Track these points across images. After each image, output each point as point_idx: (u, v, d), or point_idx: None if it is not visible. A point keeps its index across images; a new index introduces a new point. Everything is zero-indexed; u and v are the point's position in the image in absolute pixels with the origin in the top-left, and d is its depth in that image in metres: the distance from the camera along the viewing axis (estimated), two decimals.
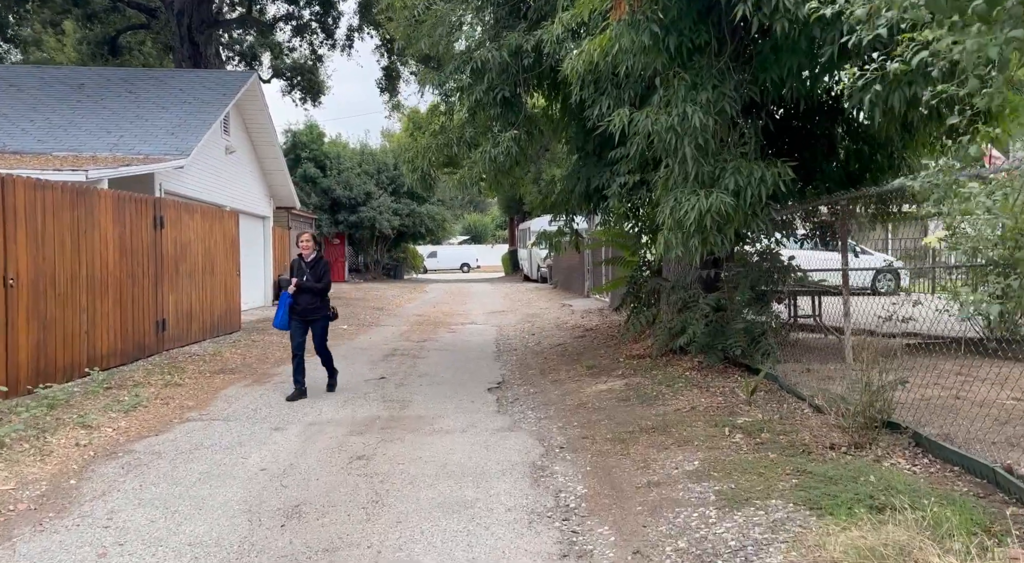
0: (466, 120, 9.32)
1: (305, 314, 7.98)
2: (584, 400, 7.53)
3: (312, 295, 7.94)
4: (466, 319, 17.45)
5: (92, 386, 8.02)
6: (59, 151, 13.22)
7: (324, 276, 8.00)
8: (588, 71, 6.77)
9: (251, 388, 8.59)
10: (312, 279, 7.93)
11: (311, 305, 7.97)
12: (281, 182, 21.34)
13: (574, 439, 6.11)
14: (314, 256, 8.07)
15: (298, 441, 6.28)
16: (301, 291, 7.87)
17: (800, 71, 5.72)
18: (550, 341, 12.51)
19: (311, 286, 7.91)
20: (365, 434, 6.49)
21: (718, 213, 5.43)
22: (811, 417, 6.00)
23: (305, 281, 7.89)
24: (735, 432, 5.73)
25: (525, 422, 6.88)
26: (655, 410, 6.71)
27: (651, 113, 5.67)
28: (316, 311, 8.03)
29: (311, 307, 7.98)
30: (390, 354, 11.35)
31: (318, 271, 8.00)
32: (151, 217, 10.36)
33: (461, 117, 9.64)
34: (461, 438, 6.30)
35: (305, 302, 7.93)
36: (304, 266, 8.01)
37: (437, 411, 7.38)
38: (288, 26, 26.25)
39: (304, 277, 7.93)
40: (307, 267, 7.99)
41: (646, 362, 8.95)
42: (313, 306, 7.99)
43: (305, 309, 7.96)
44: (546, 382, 8.83)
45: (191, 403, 7.76)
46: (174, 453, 5.89)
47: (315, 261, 8.06)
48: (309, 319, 8.02)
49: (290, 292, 7.83)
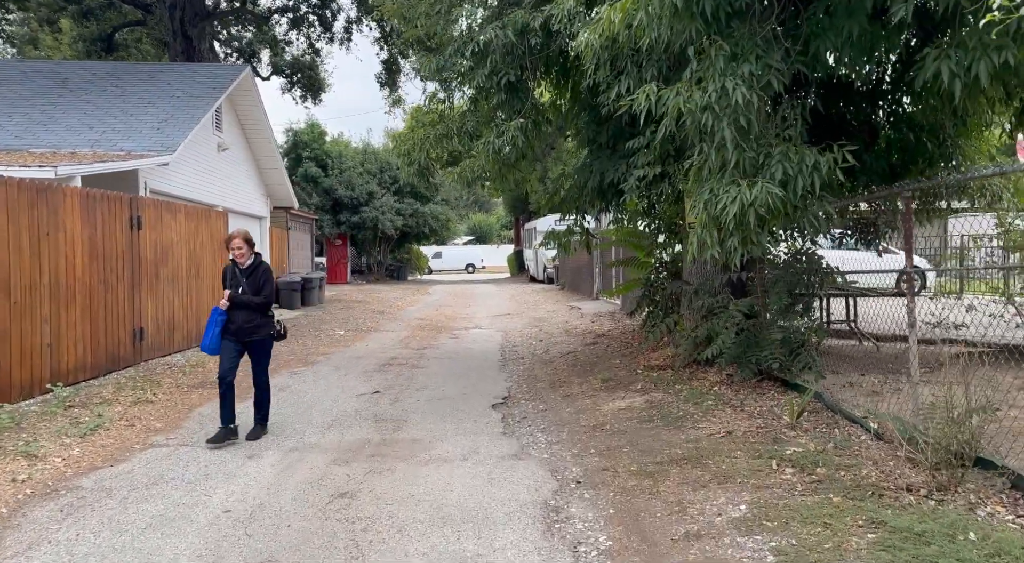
0: (467, 108, 8.46)
1: (242, 334, 6.31)
2: (601, 420, 6.67)
3: (249, 311, 6.32)
4: (470, 323, 16.60)
5: (52, 405, 7.20)
6: (37, 148, 12.44)
7: (264, 286, 6.38)
8: (605, 47, 5.91)
9: None
10: (249, 291, 6.31)
11: (250, 323, 6.31)
12: (278, 181, 20.55)
13: (592, 471, 5.25)
14: (251, 262, 6.42)
15: (273, 473, 5.44)
16: (236, 306, 6.29)
17: (861, 38, 4.85)
18: (559, 348, 11.65)
19: (247, 301, 6.29)
20: (351, 463, 5.64)
21: (763, 207, 4.57)
22: (871, 446, 5.13)
23: (240, 294, 6.29)
24: (784, 465, 4.86)
25: (535, 447, 6.03)
26: (684, 435, 5.84)
27: (682, 90, 4.80)
28: (256, 330, 6.36)
29: (249, 325, 6.31)
30: (387, 363, 10.51)
31: (257, 280, 6.36)
32: (127, 217, 9.55)
33: (461, 106, 8.80)
34: (461, 468, 5.45)
35: (242, 319, 6.28)
36: (239, 274, 6.37)
37: (435, 433, 6.54)
38: (284, 18, 25.45)
39: (239, 288, 6.31)
40: (243, 275, 6.36)
41: (667, 375, 8.07)
42: (252, 324, 6.33)
43: (242, 328, 6.29)
44: (557, 397, 7.97)
45: (159, 425, 6.93)
46: (127, 489, 5.05)
47: (253, 268, 6.41)
48: (247, 340, 6.35)
49: (222, 307, 6.24)
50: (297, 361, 10.77)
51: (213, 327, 6.26)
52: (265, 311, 6.43)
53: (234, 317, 6.29)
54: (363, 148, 36.99)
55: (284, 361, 10.73)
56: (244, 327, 6.30)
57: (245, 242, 6.38)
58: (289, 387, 8.72)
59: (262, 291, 6.36)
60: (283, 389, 8.60)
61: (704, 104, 4.66)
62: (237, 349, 6.35)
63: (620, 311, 16.45)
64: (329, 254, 35.31)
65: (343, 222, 34.03)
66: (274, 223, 21.30)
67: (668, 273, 10.59)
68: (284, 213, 22.92)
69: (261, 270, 6.43)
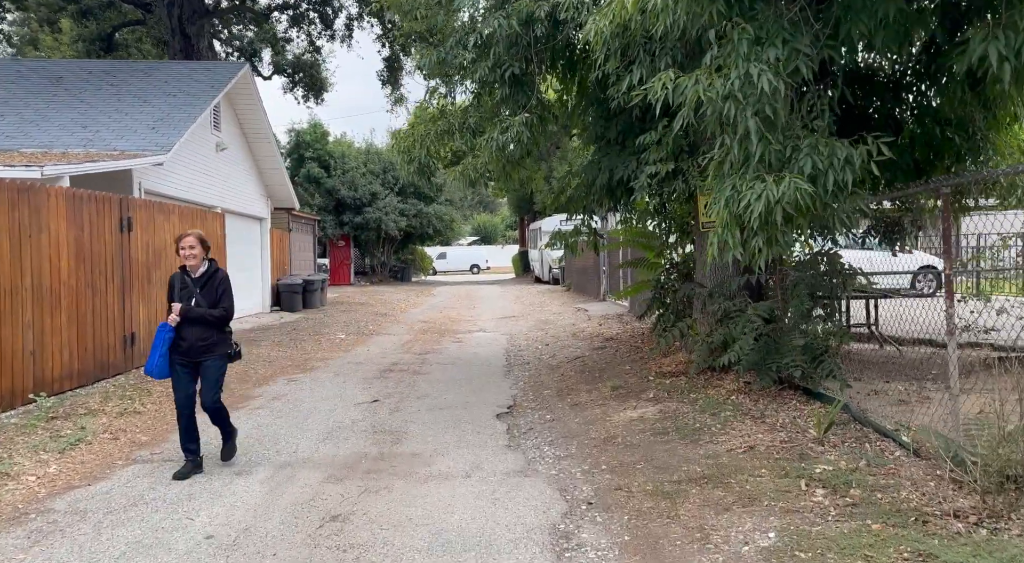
0: (470, 103, 8.07)
1: (193, 354, 5.39)
2: (612, 432, 6.28)
3: (204, 326, 5.38)
4: (474, 326, 16.22)
5: (33, 417, 6.84)
6: (28, 147, 12.10)
7: (223, 297, 5.45)
8: (616, 34, 5.53)
9: None
10: (204, 303, 5.39)
11: (203, 341, 5.39)
12: (279, 182, 20.19)
13: (605, 490, 4.86)
14: (205, 269, 5.46)
15: (262, 492, 5.07)
16: (188, 321, 5.34)
17: (896, 20, 4.45)
18: (566, 353, 11.25)
19: (201, 315, 5.35)
20: (345, 481, 5.27)
21: (790, 204, 4.18)
22: (907, 463, 4.72)
23: (192, 308, 5.34)
24: (814, 485, 4.46)
25: (542, 462, 5.64)
26: (703, 450, 5.44)
27: (702, 77, 4.41)
28: (210, 349, 5.43)
29: (203, 344, 5.39)
30: (388, 370, 10.14)
31: (213, 290, 5.44)
32: (116, 218, 9.19)
33: (464, 102, 8.42)
34: (463, 486, 5.07)
35: (194, 337, 5.36)
36: (191, 284, 5.42)
37: (436, 446, 6.16)
38: (285, 16, 25.08)
39: (192, 300, 5.37)
40: (195, 285, 5.42)
41: (681, 382, 7.68)
42: (206, 342, 5.41)
43: (193, 347, 5.37)
44: (564, 406, 7.59)
45: (145, 438, 6.57)
46: (103, 512, 4.69)
47: (207, 276, 5.46)
48: (200, 360, 5.44)
49: (171, 323, 5.32)
50: (295, 367, 10.41)
51: (160, 346, 5.34)
52: (222, 326, 5.52)
53: (185, 334, 5.36)
54: (366, 148, 36.63)
55: (282, 367, 10.37)
56: (197, 345, 5.38)
57: (200, 243, 5.43)
58: (285, 395, 8.36)
59: (220, 302, 5.45)
60: (279, 398, 8.24)
61: (726, 92, 4.27)
62: (190, 372, 5.45)
63: (628, 313, 16.06)
64: (332, 255, 34.98)
65: (346, 223, 33.69)
66: (275, 225, 20.95)
67: (679, 274, 10.20)
68: (285, 214, 22.56)
69: (218, 278, 5.51)
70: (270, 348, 12.25)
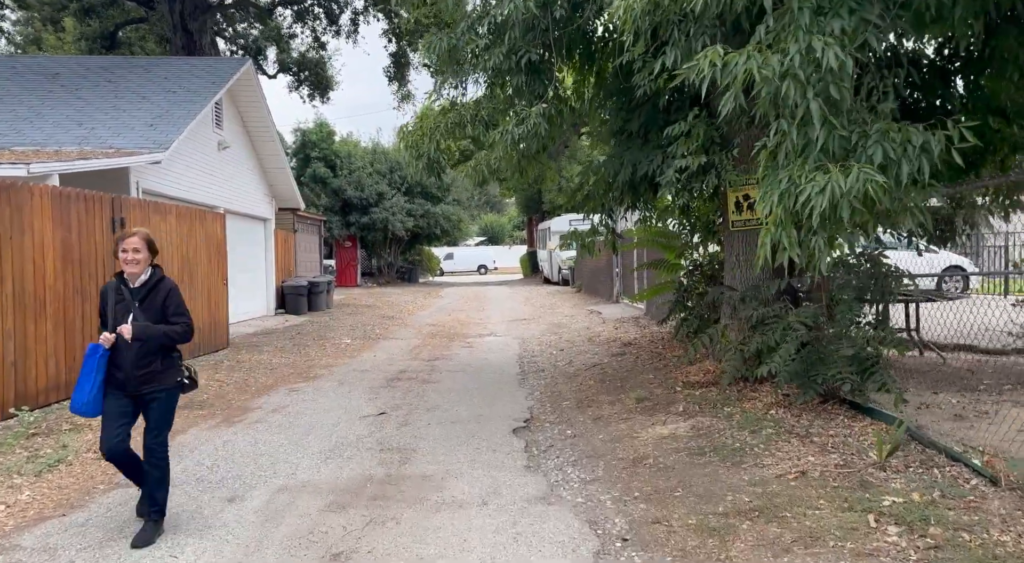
0: (483, 94, 7.52)
1: (134, 384, 4.20)
2: (642, 451, 5.71)
3: (147, 350, 4.20)
4: (484, 329, 15.67)
5: (11, 434, 6.32)
6: (20, 145, 11.61)
7: (176, 311, 4.31)
8: (647, 12, 4.96)
9: (216, 431, 6.86)
10: (143, 319, 4.19)
11: (146, 368, 4.21)
12: (284, 182, 19.68)
13: (641, 523, 4.30)
14: (147, 278, 4.28)
15: (255, 522, 4.53)
16: (123, 343, 4.16)
17: None
18: (583, 359, 10.69)
19: (148, 334, 4.17)
20: (349, 509, 4.72)
21: (859, 198, 3.61)
22: (989, 494, 4.14)
23: (132, 327, 4.14)
24: (885, 522, 3.89)
25: (566, 487, 5.08)
26: (748, 475, 4.87)
27: (754, 54, 3.85)
28: (155, 377, 4.26)
29: (145, 371, 4.21)
30: (395, 378, 9.59)
31: (155, 303, 4.27)
32: (108, 219, 8.68)
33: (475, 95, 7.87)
34: (480, 517, 4.52)
35: (133, 362, 4.17)
36: (128, 296, 4.24)
37: (448, 466, 5.61)
38: (288, 11, 24.54)
39: (130, 316, 4.18)
40: (134, 297, 4.24)
41: (712, 394, 7.10)
42: (149, 369, 4.23)
43: (133, 376, 4.18)
44: (586, 420, 7.02)
45: None
46: (76, 549, 4.15)
47: (150, 286, 4.29)
48: (144, 394, 4.26)
49: (105, 344, 4.16)
50: (298, 375, 9.88)
51: (91, 374, 4.14)
52: (171, 349, 4.36)
53: (121, 359, 4.17)
54: (372, 148, 36.13)
55: (284, 375, 9.85)
56: (137, 374, 4.18)
57: (145, 245, 4.23)
58: (286, 407, 7.82)
59: (172, 316, 4.28)
60: (279, 410, 7.70)
61: (784, 69, 3.71)
62: (128, 407, 4.25)
63: (645, 316, 15.48)
64: (339, 256, 34.51)
65: (352, 223, 33.22)
66: (280, 225, 20.45)
67: (703, 276, 9.63)
68: (290, 215, 22.06)
69: (163, 289, 4.30)
70: (272, 354, 11.73)
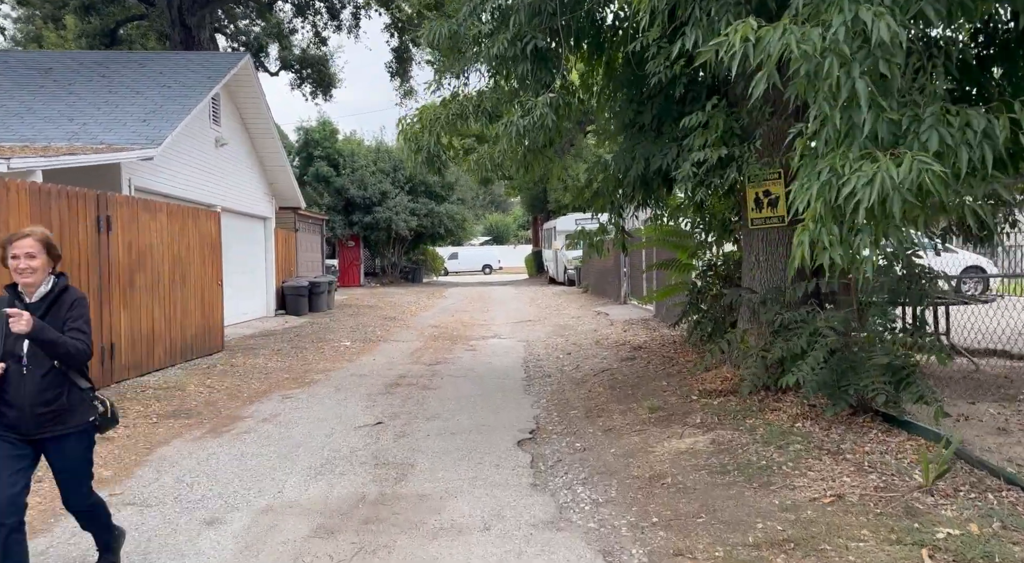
0: (486, 85, 7.08)
1: (32, 425, 3.35)
2: (658, 469, 5.25)
3: (50, 378, 3.35)
4: (488, 331, 15.23)
5: None
6: (7, 141, 11.22)
7: (75, 325, 3.40)
8: None
9: (202, 442, 6.43)
10: (45, 340, 3.23)
11: (50, 406, 3.36)
12: (284, 180, 19.27)
13: (661, 555, 3.84)
14: (48, 288, 3.40)
15: (233, 550, 4.09)
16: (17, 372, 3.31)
17: None
18: (591, 364, 10.23)
19: (44, 336, 3.21)
20: (337, 535, 4.28)
21: (913, 190, 3.16)
22: None
23: (24, 351, 3.31)
24: (942, 559, 3.42)
25: (576, 509, 4.63)
26: (778, 498, 4.40)
27: (791, 27, 3.40)
28: (60, 416, 3.41)
29: (46, 408, 3.35)
30: (394, 383, 9.15)
31: (59, 318, 3.38)
32: (92, 217, 8.26)
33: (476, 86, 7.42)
34: (481, 545, 4.07)
35: (34, 396, 3.32)
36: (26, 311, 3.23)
37: (448, 484, 5.17)
38: (289, 5, 24.16)
39: (25, 341, 3.28)
40: (34, 312, 3.27)
41: (731, 403, 6.64)
42: (54, 406, 3.37)
43: (30, 416, 3.32)
44: (596, 431, 6.57)
45: (108, 472, 5.61)
46: None
47: (51, 299, 3.40)
48: (45, 438, 3.41)
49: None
50: (293, 380, 9.45)
51: None
52: (79, 377, 3.47)
53: (15, 394, 3.31)
54: (376, 146, 35.76)
55: (278, 381, 9.42)
56: (36, 413, 3.33)
57: (43, 248, 3.36)
58: (278, 416, 7.39)
59: (74, 333, 3.36)
60: (270, 419, 7.27)
61: (826, 44, 3.25)
62: (23, 454, 3.35)
63: (655, 318, 15.01)
64: (342, 256, 34.13)
65: (355, 223, 32.85)
66: (280, 224, 20.04)
67: (718, 277, 9.18)
68: (292, 214, 21.64)
69: (67, 302, 3.43)
70: (268, 357, 11.31)
